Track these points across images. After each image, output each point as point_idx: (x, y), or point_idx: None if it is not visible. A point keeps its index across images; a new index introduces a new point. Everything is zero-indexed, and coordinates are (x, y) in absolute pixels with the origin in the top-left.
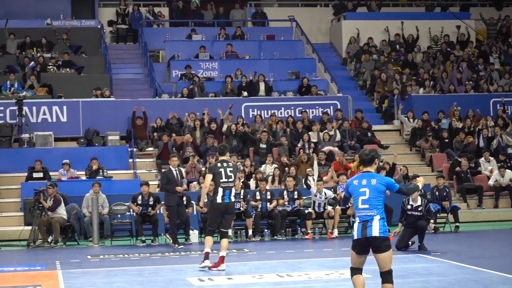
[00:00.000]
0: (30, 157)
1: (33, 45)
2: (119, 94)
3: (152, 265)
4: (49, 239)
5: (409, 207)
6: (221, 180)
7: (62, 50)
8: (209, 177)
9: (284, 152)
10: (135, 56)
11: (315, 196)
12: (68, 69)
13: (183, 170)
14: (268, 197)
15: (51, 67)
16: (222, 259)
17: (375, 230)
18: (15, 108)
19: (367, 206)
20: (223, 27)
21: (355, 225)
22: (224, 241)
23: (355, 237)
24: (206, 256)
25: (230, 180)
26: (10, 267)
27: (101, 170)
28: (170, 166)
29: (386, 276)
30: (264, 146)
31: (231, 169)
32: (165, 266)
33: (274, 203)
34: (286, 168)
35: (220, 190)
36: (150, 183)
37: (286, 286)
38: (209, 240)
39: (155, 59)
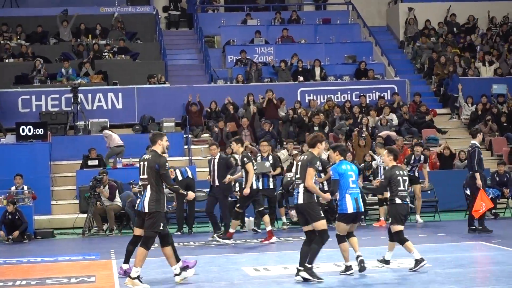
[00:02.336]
0: (85, 144)
1: (88, 32)
2: (174, 80)
3: (207, 254)
4: (104, 227)
5: None
6: None
7: (117, 37)
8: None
9: (341, 132)
10: (190, 42)
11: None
12: (123, 56)
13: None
14: None
15: (106, 53)
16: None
17: (362, 205)
18: (71, 95)
19: (355, 185)
20: (278, 11)
21: (348, 200)
22: (265, 217)
23: (351, 211)
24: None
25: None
26: (65, 256)
27: None
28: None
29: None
30: (317, 128)
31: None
32: (220, 255)
33: None
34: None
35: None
36: (205, 169)
37: (343, 276)
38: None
39: (210, 45)
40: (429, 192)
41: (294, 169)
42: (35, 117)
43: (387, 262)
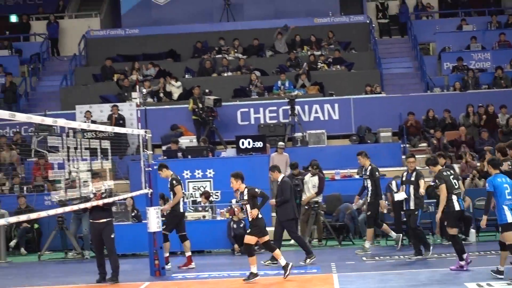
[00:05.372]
0: (303, 156)
1: (303, 43)
2: (390, 90)
3: (428, 268)
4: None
5: None
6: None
7: (332, 47)
8: None
9: None
10: (404, 50)
11: None
12: (338, 66)
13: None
14: None
15: (320, 64)
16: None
17: None
18: (288, 107)
19: (510, 197)
20: (494, 15)
21: (507, 211)
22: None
23: (510, 221)
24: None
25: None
26: None
27: None
28: None
29: None
30: None
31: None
32: (441, 269)
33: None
34: None
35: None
36: (427, 179)
37: None
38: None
39: (425, 52)
40: None
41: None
42: (253, 129)
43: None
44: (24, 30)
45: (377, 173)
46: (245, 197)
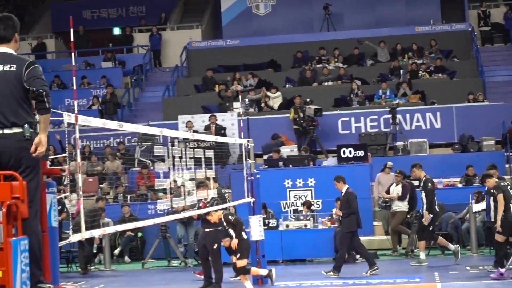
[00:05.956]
0: (405, 164)
1: (404, 52)
2: (493, 98)
3: None
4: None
5: None
6: None
7: (434, 56)
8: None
9: None
10: (507, 58)
11: None
12: (440, 75)
13: None
14: None
15: (421, 73)
16: None
17: None
18: (389, 116)
19: None
20: None
21: None
22: None
23: None
24: None
25: None
26: (389, 278)
27: (477, 177)
28: None
29: None
30: None
31: None
32: None
33: None
34: None
35: None
36: None
37: None
38: None
39: None
40: None
41: None
42: (354, 138)
43: None
44: (127, 42)
45: (429, 184)
46: (224, 224)
